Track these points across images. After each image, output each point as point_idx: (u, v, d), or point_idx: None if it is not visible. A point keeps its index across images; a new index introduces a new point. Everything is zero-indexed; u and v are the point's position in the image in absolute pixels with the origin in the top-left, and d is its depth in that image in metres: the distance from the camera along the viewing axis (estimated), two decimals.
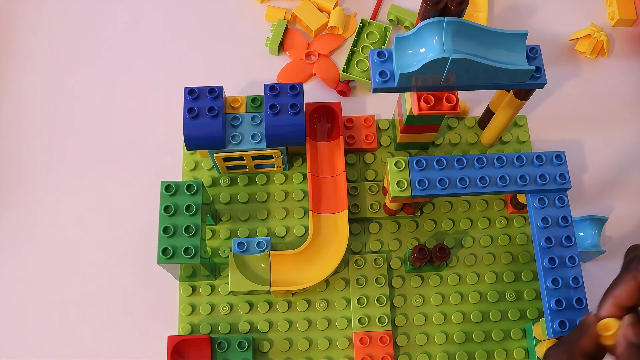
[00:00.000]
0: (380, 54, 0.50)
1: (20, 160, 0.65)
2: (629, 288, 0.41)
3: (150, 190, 0.63)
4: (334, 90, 0.69)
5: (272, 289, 0.56)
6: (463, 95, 0.68)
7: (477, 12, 0.71)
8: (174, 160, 0.65)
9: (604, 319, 0.41)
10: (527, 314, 0.60)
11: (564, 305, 0.51)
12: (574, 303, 0.52)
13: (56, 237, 0.63)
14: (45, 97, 0.68)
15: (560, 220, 0.54)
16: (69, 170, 0.65)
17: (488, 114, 0.64)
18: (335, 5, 0.72)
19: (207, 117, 0.56)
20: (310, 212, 0.58)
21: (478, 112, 0.67)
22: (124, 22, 0.72)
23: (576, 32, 0.71)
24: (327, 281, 0.60)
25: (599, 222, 0.59)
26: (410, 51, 0.49)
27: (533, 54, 0.52)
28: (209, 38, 0.71)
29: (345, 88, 0.68)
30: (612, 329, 0.41)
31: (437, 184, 0.54)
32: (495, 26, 0.72)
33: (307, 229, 0.62)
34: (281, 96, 0.58)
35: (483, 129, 0.65)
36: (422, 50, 0.48)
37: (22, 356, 0.59)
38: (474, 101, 0.68)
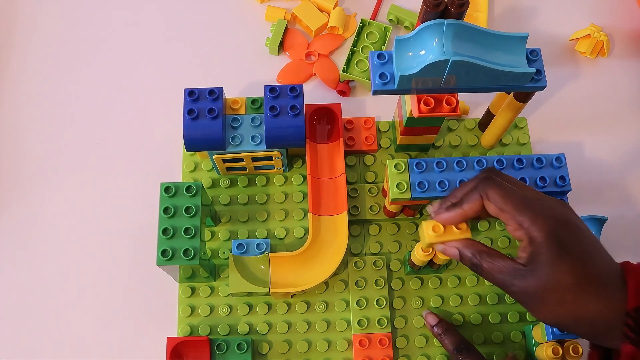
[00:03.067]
0: (380, 56, 0.50)
1: (19, 161, 0.65)
2: (475, 204, 0.45)
3: (149, 191, 0.63)
4: (334, 90, 0.68)
5: (272, 290, 0.56)
6: (463, 96, 0.68)
7: (477, 13, 0.71)
8: (173, 162, 0.65)
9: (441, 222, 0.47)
10: (527, 316, 0.60)
11: None
12: None
13: (56, 238, 0.63)
14: (45, 97, 0.68)
15: None
16: (68, 171, 0.65)
17: (488, 116, 0.63)
18: (335, 5, 0.71)
19: (207, 118, 0.56)
20: (309, 214, 0.58)
21: (478, 114, 0.67)
22: (124, 22, 0.72)
23: (576, 32, 0.71)
24: (326, 283, 0.60)
25: (599, 222, 0.59)
26: (410, 53, 0.49)
27: (533, 56, 0.51)
28: (209, 38, 0.71)
29: (345, 88, 0.68)
30: (440, 232, 0.47)
31: (437, 186, 0.54)
32: (495, 26, 0.72)
33: (306, 231, 0.62)
34: (281, 98, 0.57)
35: (483, 131, 0.65)
36: (422, 52, 0.48)
37: (22, 356, 0.59)
38: (474, 103, 0.68)
